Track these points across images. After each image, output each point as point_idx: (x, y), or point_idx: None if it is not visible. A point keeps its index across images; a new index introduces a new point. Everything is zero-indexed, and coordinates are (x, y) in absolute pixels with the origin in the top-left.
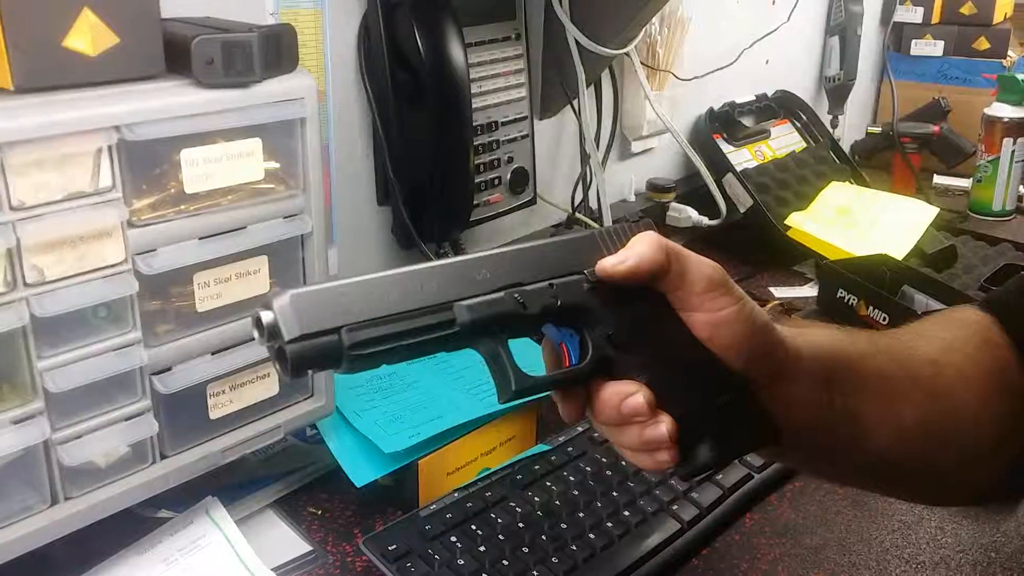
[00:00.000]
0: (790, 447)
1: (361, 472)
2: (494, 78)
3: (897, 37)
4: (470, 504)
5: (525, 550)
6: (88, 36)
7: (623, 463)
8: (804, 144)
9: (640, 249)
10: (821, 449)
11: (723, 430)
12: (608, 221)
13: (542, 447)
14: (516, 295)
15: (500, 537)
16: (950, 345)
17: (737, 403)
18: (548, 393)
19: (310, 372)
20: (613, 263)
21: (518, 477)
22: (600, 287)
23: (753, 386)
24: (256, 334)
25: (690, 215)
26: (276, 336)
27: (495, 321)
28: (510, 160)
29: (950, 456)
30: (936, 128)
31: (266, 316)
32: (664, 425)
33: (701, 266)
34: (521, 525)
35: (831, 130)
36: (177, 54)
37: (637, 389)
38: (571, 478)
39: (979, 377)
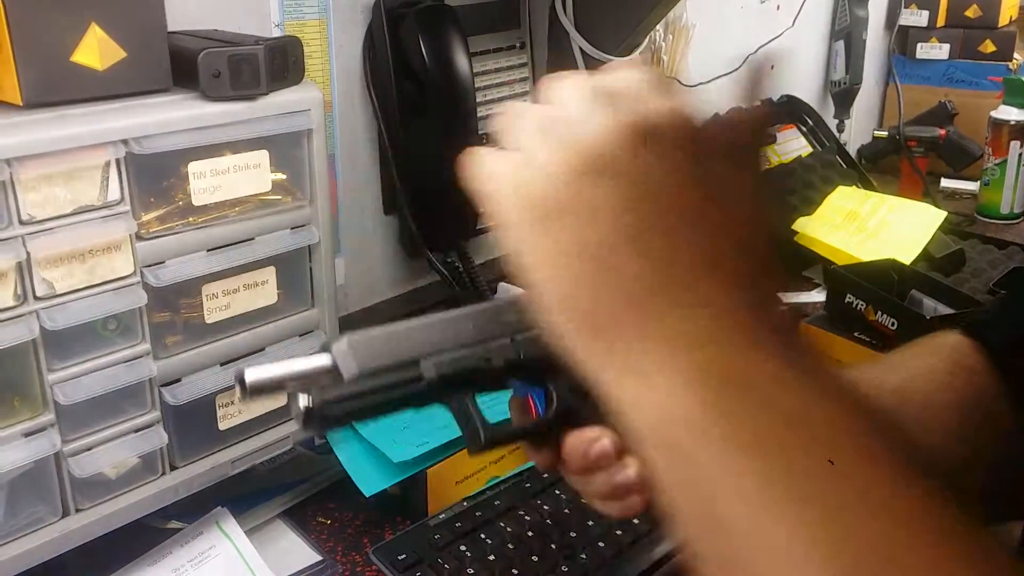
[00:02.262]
0: None
1: (370, 481)
2: (499, 87)
3: (902, 41)
4: (479, 513)
5: (535, 559)
6: (96, 51)
7: None
8: (810, 149)
9: None
10: None
11: None
12: None
13: None
14: (480, 351)
15: (510, 546)
16: (919, 373)
17: None
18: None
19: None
20: None
21: (527, 485)
22: None
23: None
24: (238, 390)
25: None
26: (258, 393)
27: (461, 376)
28: None
29: None
30: (943, 131)
31: (250, 375)
32: (632, 468)
33: None
34: (531, 534)
35: (837, 135)
36: (184, 67)
37: (601, 434)
38: None
39: (948, 404)
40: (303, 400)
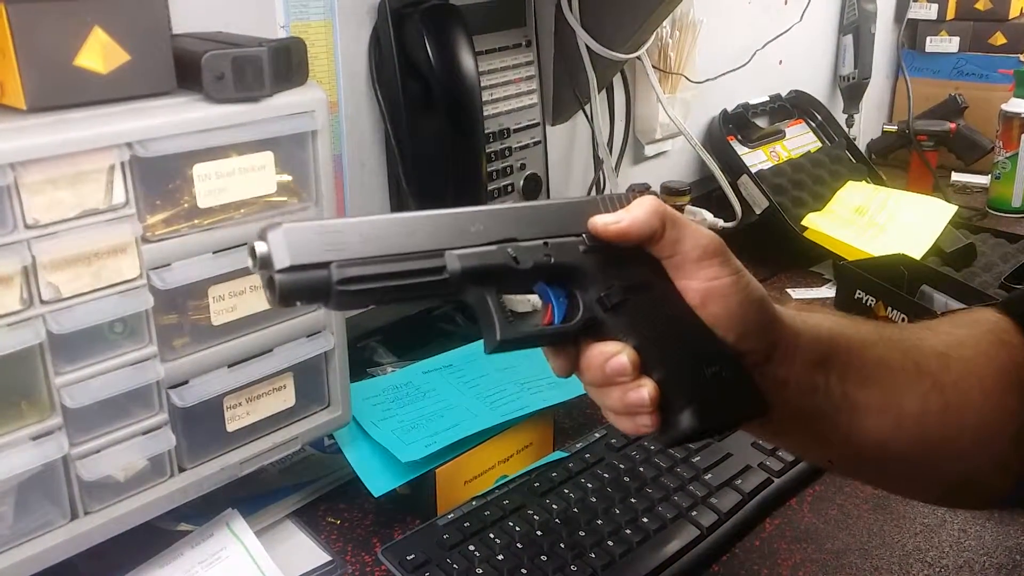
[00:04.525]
0: (783, 429)
1: (379, 481)
2: (505, 85)
3: (912, 34)
4: (488, 512)
5: (544, 558)
6: (99, 54)
7: (641, 469)
8: (819, 144)
9: (636, 212)
10: (816, 433)
11: (708, 400)
12: None
13: (559, 454)
14: (509, 250)
15: (518, 545)
16: (961, 340)
17: (726, 375)
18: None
19: (298, 303)
20: (605, 222)
21: (535, 485)
22: (595, 250)
23: (746, 362)
24: (250, 262)
25: (705, 217)
26: (268, 265)
27: (485, 273)
28: (523, 167)
29: (954, 451)
30: (953, 125)
31: (260, 247)
32: (646, 389)
33: (697, 235)
34: (539, 533)
35: (846, 129)
36: (188, 70)
37: (621, 350)
38: (589, 485)
39: (990, 374)
40: (332, 273)
